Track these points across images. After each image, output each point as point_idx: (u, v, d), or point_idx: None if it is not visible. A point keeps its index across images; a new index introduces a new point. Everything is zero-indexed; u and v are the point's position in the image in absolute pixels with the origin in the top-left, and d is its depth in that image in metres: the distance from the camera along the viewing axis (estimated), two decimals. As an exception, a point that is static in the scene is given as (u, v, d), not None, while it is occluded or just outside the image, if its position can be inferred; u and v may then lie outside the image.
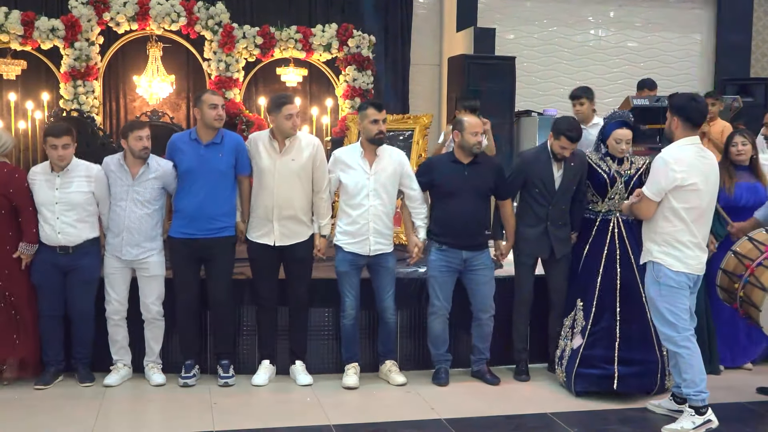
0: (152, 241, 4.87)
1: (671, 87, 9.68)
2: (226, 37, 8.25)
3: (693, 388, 4.20)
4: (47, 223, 4.75)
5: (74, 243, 4.78)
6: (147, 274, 4.89)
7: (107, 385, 4.84)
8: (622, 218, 4.93)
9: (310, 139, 5.04)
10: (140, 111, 8.18)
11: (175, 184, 4.92)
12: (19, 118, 8.14)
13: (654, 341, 4.75)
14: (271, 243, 4.89)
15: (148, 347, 4.98)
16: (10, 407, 4.52)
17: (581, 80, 9.95)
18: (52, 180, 4.77)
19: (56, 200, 4.75)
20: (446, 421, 4.41)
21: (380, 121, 4.89)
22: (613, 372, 4.69)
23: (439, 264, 4.96)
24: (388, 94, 9.24)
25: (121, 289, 4.89)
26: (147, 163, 4.82)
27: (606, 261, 4.88)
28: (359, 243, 4.92)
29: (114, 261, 4.86)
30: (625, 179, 4.91)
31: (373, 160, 4.95)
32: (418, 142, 6.89)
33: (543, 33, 9.94)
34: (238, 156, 4.92)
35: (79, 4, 7.95)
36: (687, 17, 10.30)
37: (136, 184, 4.81)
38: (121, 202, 4.82)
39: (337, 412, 4.53)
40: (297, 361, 5.09)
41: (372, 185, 4.92)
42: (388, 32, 9.26)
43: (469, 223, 4.93)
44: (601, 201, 4.96)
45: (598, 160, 4.98)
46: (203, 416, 4.42)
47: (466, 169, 4.94)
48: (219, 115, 4.86)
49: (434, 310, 5.01)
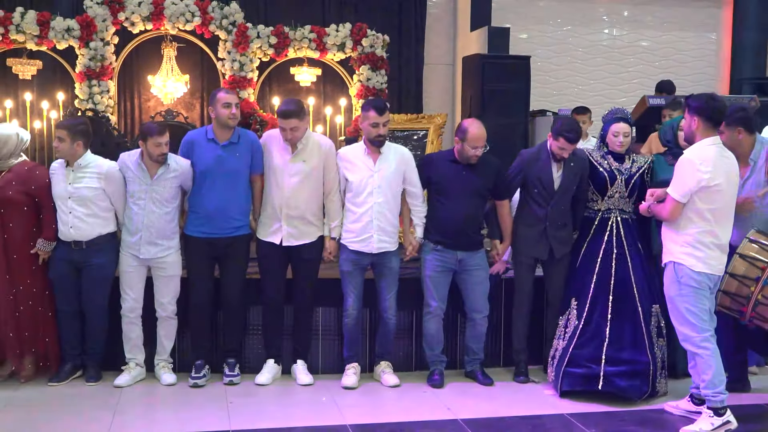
0: (170, 240, 4.88)
1: (686, 87, 9.63)
2: (240, 36, 8.24)
3: (712, 389, 4.17)
4: (61, 218, 4.79)
5: (86, 238, 4.79)
6: (164, 273, 4.89)
7: (118, 385, 4.83)
8: (621, 217, 4.92)
9: (323, 141, 5.03)
10: (155, 111, 8.18)
11: (191, 183, 4.92)
12: (34, 118, 8.17)
13: (646, 342, 4.72)
14: (278, 242, 4.89)
15: (160, 345, 4.99)
16: (28, 406, 4.54)
17: (595, 80, 9.97)
18: (67, 174, 4.79)
19: (68, 194, 4.77)
20: (463, 421, 4.39)
21: (380, 125, 4.84)
22: (599, 372, 4.66)
23: (434, 264, 4.94)
24: (402, 93, 9.23)
25: (137, 287, 4.89)
26: (167, 163, 4.82)
27: (602, 260, 4.86)
28: (363, 241, 4.91)
29: (131, 259, 4.87)
30: (625, 177, 4.90)
31: (377, 157, 4.94)
32: (433, 141, 6.88)
33: (557, 32, 9.90)
34: (254, 155, 4.92)
35: (94, 4, 7.97)
36: (702, 16, 10.23)
37: (154, 183, 4.81)
38: (139, 201, 4.82)
39: (353, 412, 4.52)
40: (298, 361, 5.09)
41: (376, 182, 4.90)
42: (402, 32, 9.23)
43: (464, 223, 4.90)
44: (601, 199, 4.96)
45: (599, 158, 4.98)
46: (219, 415, 4.42)
47: (465, 169, 4.92)
48: (233, 114, 4.85)
49: (429, 310, 4.99)
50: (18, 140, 4.82)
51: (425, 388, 4.97)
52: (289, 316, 5.14)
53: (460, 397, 4.79)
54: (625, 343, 4.72)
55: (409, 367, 5.30)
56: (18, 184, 4.77)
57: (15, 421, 4.30)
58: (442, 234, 4.92)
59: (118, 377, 4.89)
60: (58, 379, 4.85)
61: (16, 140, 4.81)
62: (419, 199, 5.03)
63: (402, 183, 5.00)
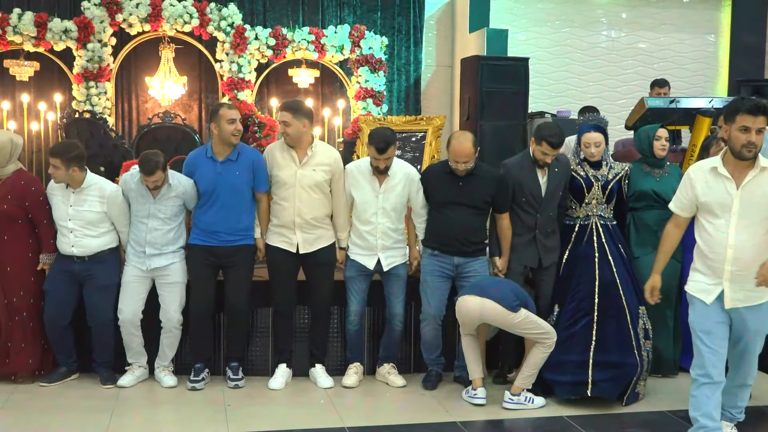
0: (174, 252, 4.88)
1: (685, 88, 9.65)
2: (238, 38, 8.24)
3: None
4: (63, 236, 4.78)
5: (89, 253, 4.79)
6: (169, 280, 4.87)
7: (121, 385, 4.84)
8: (600, 223, 4.92)
9: (330, 152, 4.99)
10: (152, 112, 8.17)
11: (196, 201, 4.91)
12: (32, 120, 8.16)
13: (633, 344, 4.68)
14: (294, 250, 4.88)
15: (161, 352, 4.97)
16: (25, 407, 4.52)
17: (594, 81, 9.96)
18: (67, 195, 4.77)
19: (69, 216, 4.75)
20: (461, 423, 4.38)
21: (381, 160, 4.80)
22: (587, 378, 4.60)
23: (431, 269, 4.89)
24: (400, 95, 9.23)
25: (135, 299, 4.85)
26: (168, 183, 4.80)
27: (584, 264, 4.84)
28: (368, 257, 4.91)
29: (134, 270, 4.85)
30: (602, 183, 4.92)
31: (383, 179, 4.90)
32: (431, 143, 6.87)
33: (555, 34, 9.90)
34: (256, 173, 4.88)
35: (91, 6, 7.97)
36: (700, 18, 10.23)
37: (157, 202, 4.80)
38: (143, 219, 4.82)
39: (351, 414, 4.51)
40: (317, 365, 5.07)
41: (380, 204, 4.88)
42: (401, 33, 9.24)
43: (460, 234, 4.82)
44: (579, 206, 4.96)
45: (575, 165, 4.98)
46: (217, 418, 4.40)
47: (461, 180, 4.83)
48: (237, 130, 4.83)
49: (425, 316, 4.94)
50: (12, 146, 4.79)
51: (424, 390, 4.95)
52: (299, 319, 5.13)
53: (458, 400, 4.77)
54: (612, 345, 4.66)
55: (407, 370, 5.28)
56: (13, 198, 4.74)
57: (11, 422, 4.27)
58: (438, 242, 4.88)
59: (122, 377, 4.90)
60: (49, 380, 4.84)
61: (11, 146, 4.77)
62: (423, 218, 4.98)
63: (407, 202, 4.97)
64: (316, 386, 4.98)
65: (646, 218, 5.11)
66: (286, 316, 5.06)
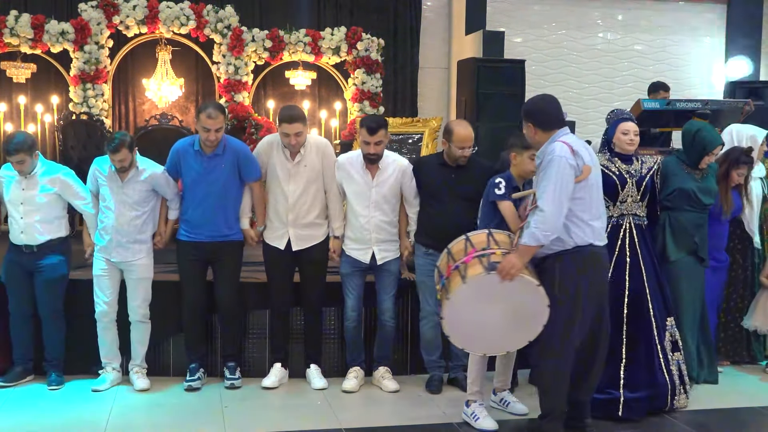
0: (141, 244, 4.86)
1: (680, 90, 9.66)
2: (235, 40, 8.25)
3: None
4: (14, 222, 4.81)
5: (38, 243, 4.81)
6: (134, 276, 4.87)
7: (96, 389, 4.81)
8: (634, 223, 4.63)
9: (318, 141, 5.02)
10: (149, 114, 8.18)
11: (170, 190, 4.91)
12: (29, 122, 8.16)
13: (661, 361, 4.52)
14: (283, 247, 4.90)
15: (133, 350, 4.95)
16: (19, 407, 4.52)
17: (590, 83, 9.99)
18: (20, 180, 4.80)
19: (21, 200, 4.78)
20: (457, 425, 4.38)
21: (372, 144, 4.78)
22: (619, 396, 4.41)
23: (427, 268, 4.84)
24: (397, 97, 9.25)
25: (109, 291, 4.85)
26: (136, 167, 4.81)
27: (615, 271, 4.53)
28: (363, 251, 4.92)
29: (102, 263, 4.86)
30: (636, 179, 4.63)
31: (375, 171, 4.89)
32: (428, 145, 6.89)
33: (551, 36, 9.92)
34: (241, 165, 4.87)
35: (88, 8, 7.97)
36: (696, 20, 10.27)
37: (124, 186, 4.79)
38: (110, 203, 4.82)
39: (348, 415, 4.51)
40: (312, 365, 5.08)
41: (373, 197, 4.88)
42: (397, 35, 9.25)
43: (453, 228, 4.64)
44: (613, 205, 4.60)
45: (606, 162, 4.63)
46: (214, 419, 4.41)
47: (454, 173, 4.82)
48: (210, 141, 4.75)
49: (425, 315, 4.95)
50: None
51: (421, 392, 4.95)
52: (296, 320, 5.14)
53: (456, 401, 4.77)
54: (641, 364, 4.47)
55: (405, 371, 5.29)
56: None
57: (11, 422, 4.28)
58: (431, 237, 4.83)
59: (95, 381, 4.86)
60: (5, 380, 4.83)
61: None
62: (415, 208, 4.98)
63: (400, 195, 4.97)
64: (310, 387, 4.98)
65: (685, 220, 4.86)
66: (282, 315, 5.07)
